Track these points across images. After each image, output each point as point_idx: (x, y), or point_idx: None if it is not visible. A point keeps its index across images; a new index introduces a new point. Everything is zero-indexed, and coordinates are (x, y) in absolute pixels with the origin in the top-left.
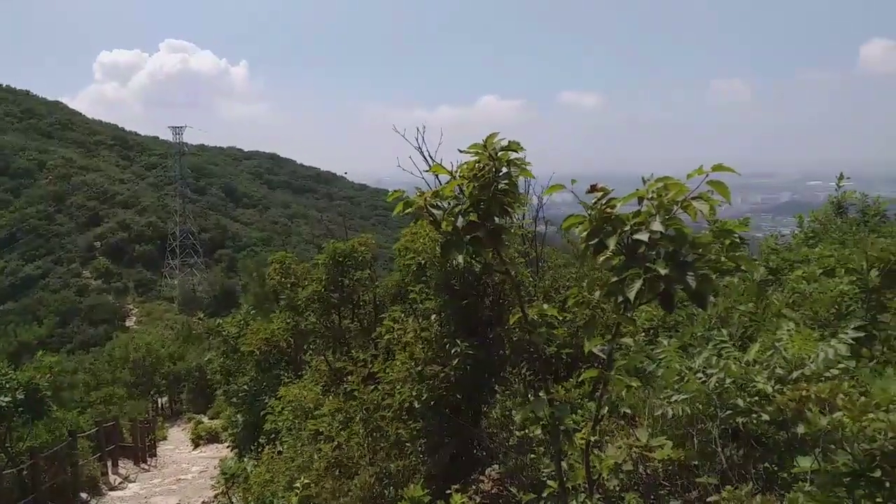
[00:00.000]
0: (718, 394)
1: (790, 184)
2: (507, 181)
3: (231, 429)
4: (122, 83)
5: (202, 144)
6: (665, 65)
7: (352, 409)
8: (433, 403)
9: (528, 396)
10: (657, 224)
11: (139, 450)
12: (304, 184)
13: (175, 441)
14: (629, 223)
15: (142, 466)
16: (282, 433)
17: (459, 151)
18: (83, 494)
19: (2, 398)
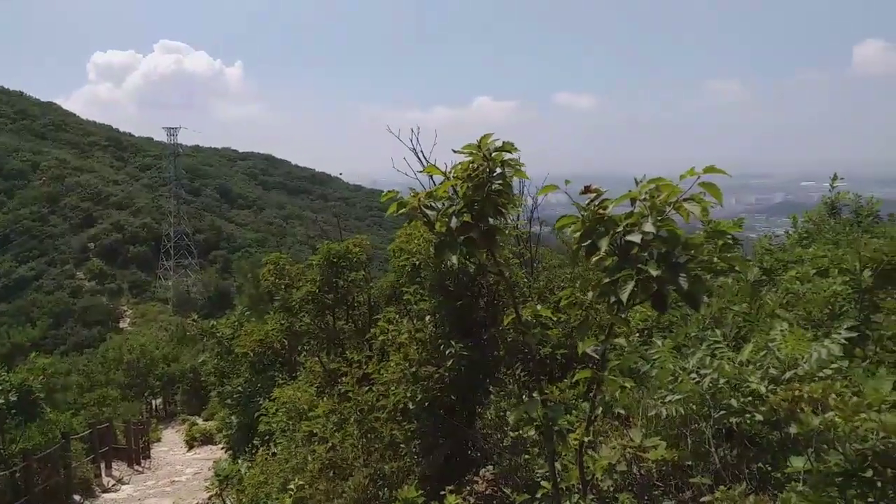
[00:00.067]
0: (712, 394)
1: (784, 184)
2: (501, 181)
3: (225, 430)
4: (117, 84)
5: (197, 145)
6: (664, 65)
7: (346, 411)
8: (427, 404)
9: (523, 397)
10: (649, 225)
11: (133, 452)
12: (299, 185)
13: (169, 443)
14: (622, 224)
15: (135, 468)
16: (276, 435)
17: (453, 151)
18: (76, 496)
19: None
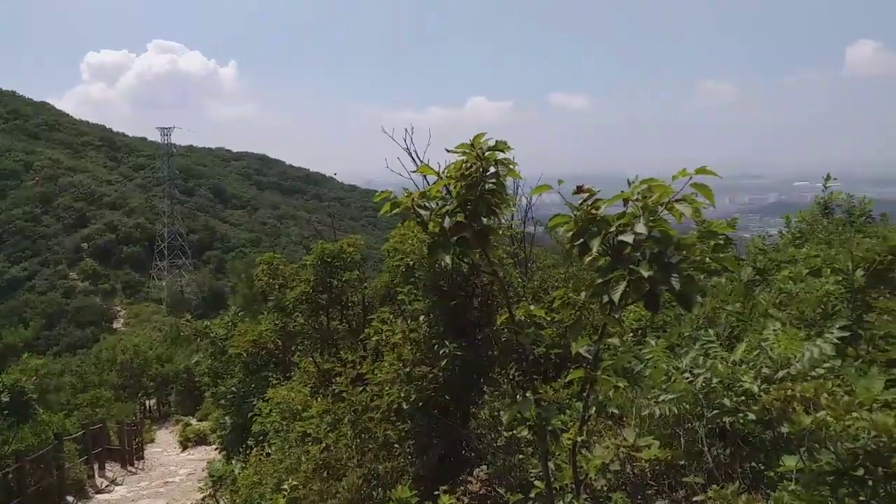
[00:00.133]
0: (705, 393)
1: (778, 184)
2: (495, 181)
3: (219, 431)
4: (110, 84)
5: (191, 145)
6: (663, 65)
7: (340, 411)
8: (421, 404)
9: (517, 397)
10: (641, 226)
11: (126, 452)
12: (294, 185)
13: (163, 443)
14: (614, 224)
15: (129, 469)
16: (270, 435)
17: (447, 151)
18: (69, 498)
19: None
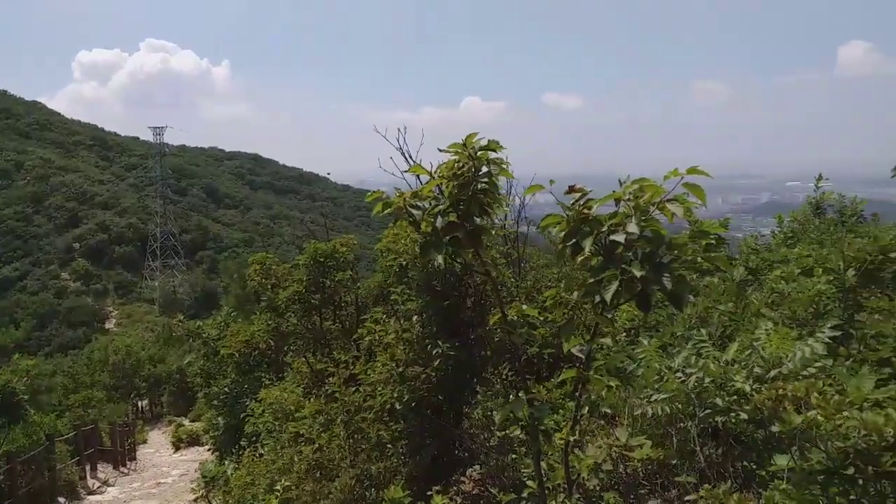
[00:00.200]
0: (697, 393)
1: (770, 184)
2: (487, 180)
3: (212, 431)
4: (102, 83)
5: (183, 145)
6: (662, 65)
7: (333, 411)
8: (414, 405)
9: (509, 397)
10: (633, 226)
11: (118, 453)
12: (287, 184)
13: (155, 444)
14: (606, 224)
15: (121, 470)
16: (262, 436)
17: (439, 150)
18: (61, 499)
19: None
